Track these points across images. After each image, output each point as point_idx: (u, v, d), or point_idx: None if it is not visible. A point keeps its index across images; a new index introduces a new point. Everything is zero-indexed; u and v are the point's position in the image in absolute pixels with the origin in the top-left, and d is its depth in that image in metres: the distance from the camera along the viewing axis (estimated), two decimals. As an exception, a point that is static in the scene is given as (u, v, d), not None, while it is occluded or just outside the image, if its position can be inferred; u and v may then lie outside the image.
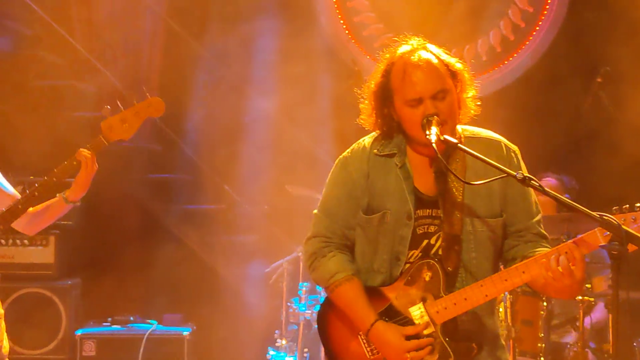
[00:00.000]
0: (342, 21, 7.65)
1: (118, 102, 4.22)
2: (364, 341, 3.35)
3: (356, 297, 3.34)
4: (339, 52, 7.60)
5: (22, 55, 7.58)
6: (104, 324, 6.60)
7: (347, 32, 7.63)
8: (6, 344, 4.38)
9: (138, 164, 7.53)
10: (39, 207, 4.29)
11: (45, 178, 4.16)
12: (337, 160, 3.53)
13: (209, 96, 7.65)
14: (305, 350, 6.14)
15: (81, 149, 4.19)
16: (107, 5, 7.47)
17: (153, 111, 4.28)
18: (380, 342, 3.28)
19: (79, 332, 6.40)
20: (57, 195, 4.25)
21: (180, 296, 6.91)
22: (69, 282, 6.61)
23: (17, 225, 4.35)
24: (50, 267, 6.55)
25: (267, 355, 6.19)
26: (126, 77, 7.59)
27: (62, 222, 4.73)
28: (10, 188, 4.36)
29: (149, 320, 6.63)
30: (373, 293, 3.33)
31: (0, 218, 4.18)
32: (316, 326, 5.85)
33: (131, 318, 6.64)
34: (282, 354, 6.16)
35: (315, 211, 3.53)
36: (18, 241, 6.56)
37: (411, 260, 3.30)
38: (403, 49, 3.33)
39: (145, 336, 6.34)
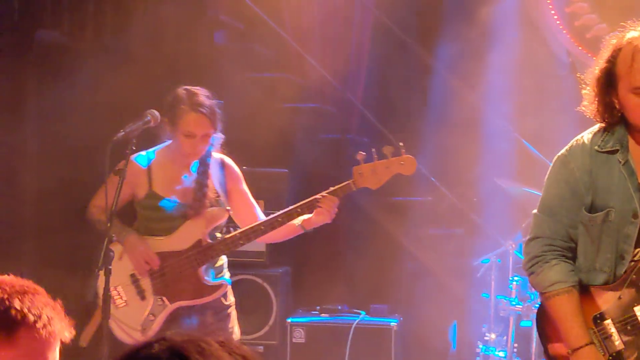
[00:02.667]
0: (553, 12, 7.58)
1: (373, 151, 4.44)
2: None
3: (572, 312, 3.37)
4: (551, 43, 7.53)
5: (235, 48, 7.94)
6: (313, 312, 6.82)
7: (558, 22, 7.55)
8: (237, 329, 4.73)
9: (347, 155, 7.72)
10: None
11: (291, 208, 4.55)
12: (555, 159, 3.55)
13: (417, 87, 7.76)
14: (515, 345, 6.14)
15: (326, 195, 4.51)
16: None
17: (404, 168, 4.53)
18: None
19: (289, 320, 6.61)
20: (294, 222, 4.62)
21: (387, 287, 7.04)
22: (280, 271, 6.89)
23: None
24: (262, 255, 6.82)
25: (477, 349, 6.25)
26: (334, 70, 7.80)
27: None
28: (251, 199, 4.77)
29: (356, 310, 6.77)
30: (596, 292, 3.36)
31: (244, 236, 4.54)
32: (525, 323, 5.91)
33: (339, 307, 6.80)
34: (491, 348, 6.20)
35: (535, 211, 3.54)
36: (232, 229, 6.90)
37: (636, 258, 3.31)
38: (631, 34, 3.32)
39: (353, 326, 6.48)
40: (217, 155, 4.72)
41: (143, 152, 4.71)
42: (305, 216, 4.61)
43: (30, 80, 6.89)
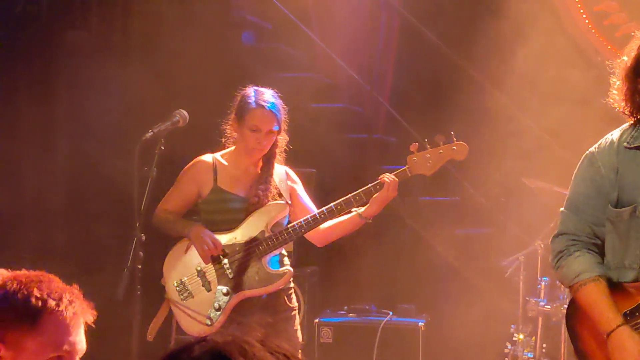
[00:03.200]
0: (581, 10, 7.55)
1: (425, 141, 4.60)
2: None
3: (601, 298, 3.33)
4: (580, 42, 7.51)
5: (263, 49, 7.98)
6: (340, 312, 6.82)
7: (587, 21, 7.52)
8: (299, 333, 4.82)
9: (374, 155, 7.74)
10: (333, 221, 4.73)
11: (349, 196, 4.61)
12: (583, 156, 3.53)
13: (445, 86, 7.76)
14: (544, 345, 6.13)
15: (387, 174, 4.60)
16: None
17: (456, 154, 4.66)
18: (619, 348, 3.27)
19: (317, 320, 6.63)
20: (353, 211, 4.68)
21: (415, 287, 7.03)
22: (307, 270, 6.90)
23: (308, 235, 4.86)
24: (289, 256, 6.78)
25: (505, 350, 6.23)
26: (361, 70, 7.81)
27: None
28: (310, 202, 4.86)
29: (384, 310, 6.76)
30: (624, 289, 3.34)
31: (306, 224, 4.66)
32: (554, 323, 5.89)
33: (366, 307, 6.80)
34: (520, 348, 6.18)
35: (562, 209, 3.53)
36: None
37: (664, 254, 3.28)
38: None
39: (381, 326, 6.48)
40: (280, 165, 4.84)
41: (209, 154, 4.85)
42: (364, 208, 4.66)
43: (59, 80, 6.96)
